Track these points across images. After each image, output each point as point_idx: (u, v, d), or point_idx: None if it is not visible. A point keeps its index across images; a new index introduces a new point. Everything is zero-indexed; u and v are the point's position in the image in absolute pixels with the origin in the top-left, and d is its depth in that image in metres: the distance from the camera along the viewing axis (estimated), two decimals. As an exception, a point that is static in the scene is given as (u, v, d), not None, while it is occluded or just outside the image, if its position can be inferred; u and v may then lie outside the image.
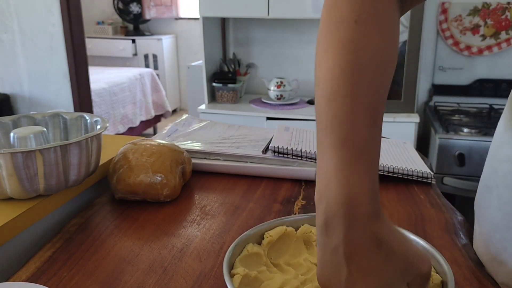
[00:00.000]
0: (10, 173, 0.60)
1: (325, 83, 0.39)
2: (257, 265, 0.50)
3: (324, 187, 0.37)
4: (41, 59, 2.45)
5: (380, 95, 0.39)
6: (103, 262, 0.58)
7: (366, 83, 0.38)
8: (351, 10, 0.39)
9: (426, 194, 0.79)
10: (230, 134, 0.98)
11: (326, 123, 0.38)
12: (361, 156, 0.37)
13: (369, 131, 0.37)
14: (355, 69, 0.38)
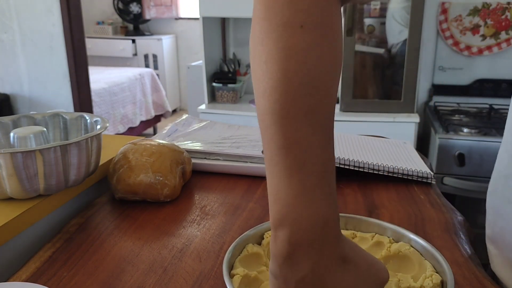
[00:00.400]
0: (10, 173, 0.60)
1: (271, 97, 0.34)
2: (257, 265, 0.50)
3: (286, 212, 0.34)
4: (41, 59, 2.45)
5: (332, 108, 0.35)
6: (103, 262, 0.58)
7: (319, 98, 0.34)
8: (296, 13, 0.33)
9: (426, 194, 0.79)
10: (230, 134, 0.98)
11: (278, 143, 0.34)
12: (322, 178, 0.35)
13: (326, 152, 0.35)
14: (306, 82, 0.33)
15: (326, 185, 0.35)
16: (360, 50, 2.21)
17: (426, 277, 0.48)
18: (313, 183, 0.34)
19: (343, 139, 0.95)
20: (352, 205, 0.74)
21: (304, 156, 0.34)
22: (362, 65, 2.27)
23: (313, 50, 0.33)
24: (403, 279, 0.50)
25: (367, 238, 0.55)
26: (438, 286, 0.47)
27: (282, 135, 0.34)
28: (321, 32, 0.34)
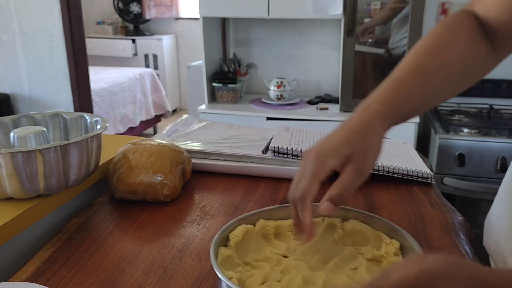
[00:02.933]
0: (10, 173, 0.60)
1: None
2: (233, 266, 0.52)
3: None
4: (41, 59, 2.45)
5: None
6: (103, 262, 0.58)
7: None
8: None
9: (426, 194, 0.79)
10: (230, 134, 0.98)
11: None
12: None
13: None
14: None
15: None
16: (360, 50, 2.21)
17: (387, 244, 0.54)
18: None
19: (343, 139, 0.95)
20: (352, 205, 0.74)
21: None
22: (362, 65, 2.27)
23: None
24: (365, 251, 0.55)
25: (319, 222, 0.59)
26: (398, 249, 0.53)
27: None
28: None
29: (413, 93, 0.55)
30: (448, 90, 0.60)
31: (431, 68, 0.57)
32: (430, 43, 0.59)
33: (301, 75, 2.49)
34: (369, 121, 0.53)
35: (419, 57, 0.58)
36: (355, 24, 2.11)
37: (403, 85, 0.56)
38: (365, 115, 0.54)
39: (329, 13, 2.08)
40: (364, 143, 0.51)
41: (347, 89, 2.18)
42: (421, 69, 0.57)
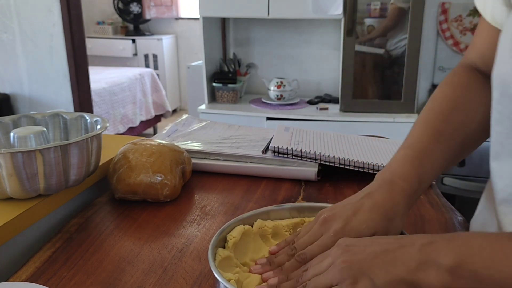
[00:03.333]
0: (10, 173, 0.60)
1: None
2: (231, 267, 0.52)
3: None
4: (41, 59, 2.45)
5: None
6: (103, 262, 0.58)
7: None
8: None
9: (426, 194, 0.79)
10: (230, 134, 0.98)
11: None
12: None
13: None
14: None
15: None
16: (360, 50, 2.21)
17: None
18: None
19: (343, 139, 0.95)
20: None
21: None
22: (362, 65, 2.27)
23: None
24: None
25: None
26: None
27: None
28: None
29: (436, 163, 0.54)
30: (469, 146, 0.59)
31: (449, 133, 0.56)
32: (442, 106, 0.59)
33: (301, 75, 2.49)
34: (396, 202, 0.50)
35: (434, 123, 0.57)
36: (355, 24, 2.11)
37: (425, 158, 0.54)
38: (392, 193, 0.51)
39: (329, 13, 2.08)
40: (386, 227, 0.50)
41: (347, 89, 2.18)
42: (439, 135, 0.56)
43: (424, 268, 0.38)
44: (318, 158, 0.83)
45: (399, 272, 0.39)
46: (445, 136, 0.56)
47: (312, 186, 0.82)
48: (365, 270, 0.40)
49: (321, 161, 0.83)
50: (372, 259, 0.40)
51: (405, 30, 2.09)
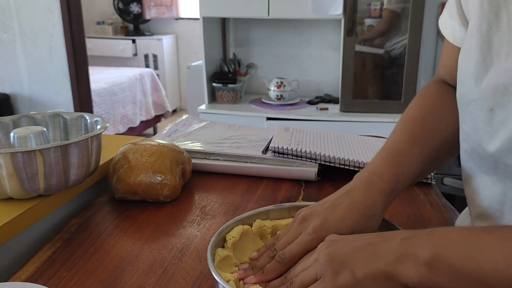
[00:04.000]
0: (10, 173, 0.60)
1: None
2: (230, 267, 0.52)
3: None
4: (41, 59, 2.45)
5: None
6: (103, 262, 0.58)
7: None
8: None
9: (426, 194, 0.79)
10: (230, 134, 0.98)
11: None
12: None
13: None
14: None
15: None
16: (360, 50, 2.21)
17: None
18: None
19: (343, 140, 0.95)
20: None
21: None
22: (362, 65, 2.27)
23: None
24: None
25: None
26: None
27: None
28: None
29: (413, 165, 0.56)
30: (447, 152, 0.61)
31: (424, 136, 0.59)
32: (416, 113, 0.62)
33: (301, 75, 2.49)
34: (374, 200, 0.52)
35: (409, 128, 0.60)
36: (355, 24, 2.11)
37: (402, 159, 0.56)
38: (370, 191, 0.53)
39: (329, 13, 2.08)
40: (364, 226, 0.51)
41: (347, 89, 2.18)
42: (414, 139, 0.58)
43: (402, 261, 0.39)
44: (318, 158, 0.83)
45: (378, 265, 0.40)
46: (420, 139, 0.58)
47: (312, 186, 0.82)
48: (346, 262, 0.41)
49: (321, 161, 0.83)
50: (354, 252, 0.42)
51: (404, 30, 2.09)
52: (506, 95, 0.43)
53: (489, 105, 0.45)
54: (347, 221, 0.50)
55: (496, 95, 0.44)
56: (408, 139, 0.58)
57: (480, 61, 0.46)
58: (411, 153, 0.56)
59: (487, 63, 0.46)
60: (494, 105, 0.45)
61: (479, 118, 0.47)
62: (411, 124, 0.60)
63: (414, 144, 0.57)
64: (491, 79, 0.45)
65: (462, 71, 0.51)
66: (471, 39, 0.48)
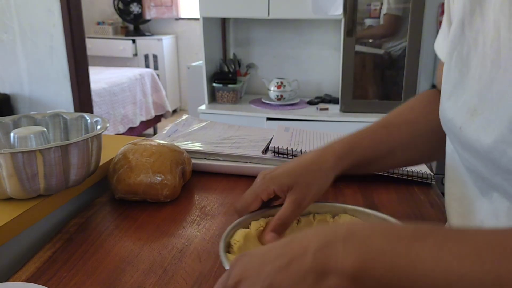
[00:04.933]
0: (10, 173, 0.60)
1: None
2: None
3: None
4: (41, 59, 2.45)
5: None
6: (103, 262, 0.58)
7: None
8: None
9: (426, 194, 0.79)
10: (230, 134, 0.98)
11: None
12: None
13: None
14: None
15: None
16: (360, 50, 2.21)
17: None
18: None
19: (343, 140, 0.95)
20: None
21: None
22: (362, 66, 2.27)
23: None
24: None
25: (310, 220, 0.61)
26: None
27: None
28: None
29: (377, 141, 0.61)
30: (420, 147, 0.64)
31: (397, 123, 0.63)
32: (400, 108, 0.66)
33: (301, 75, 2.49)
34: (322, 158, 0.58)
35: (388, 117, 0.65)
36: (355, 24, 2.11)
37: (368, 134, 0.61)
38: (322, 151, 0.59)
39: (329, 14, 2.08)
40: (309, 179, 0.56)
41: (347, 90, 2.18)
42: (387, 123, 0.63)
43: (323, 279, 0.34)
44: (318, 159, 0.83)
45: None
46: (393, 125, 0.63)
47: (312, 186, 0.81)
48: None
49: (321, 161, 0.83)
50: (269, 285, 0.35)
51: (404, 32, 2.09)
52: (473, 115, 0.45)
53: (458, 124, 0.48)
54: (291, 171, 0.57)
55: (466, 115, 0.47)
56: (380, 123, 0.63)
57: (458, 82, 0.49)
58: (378, 131, 0.62)
59: (464, 85, 0.48)
60: (462, 123, 0.47)
61: (456, 135, 0.50)
62: (390, 114, 0.65)
63: (384, 127, 0.63)
64: (466, 100, 0.47)
65: (443, 91, 0.53)
66: (450, 60, 0.50)
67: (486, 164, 0.45)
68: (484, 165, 0.45)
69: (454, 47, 0.49)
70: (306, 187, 0.56)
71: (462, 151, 0.50)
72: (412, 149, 0.63)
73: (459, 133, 0.48)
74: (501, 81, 0.42)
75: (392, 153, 0.62)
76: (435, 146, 0.63)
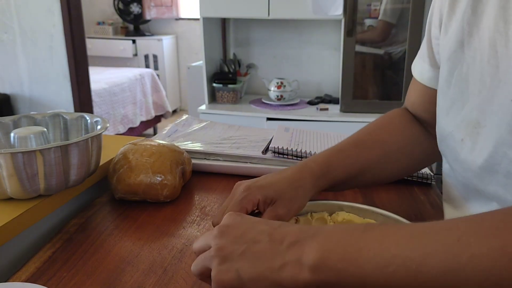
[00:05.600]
0: (10, 173, 0.60)
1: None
2: None
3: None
4: (41, 59, 2.45)
5: None
6: (103, 262, 0.58)
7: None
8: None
9: (426, 195, 0.79)
10: (230, 134, 0.98)
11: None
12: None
13: None
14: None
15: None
16: (360, 50, 2.22)
17: None
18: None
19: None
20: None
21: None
22: (363, 66, 2.27)
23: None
24: None
25: (308, 218, 0.62)
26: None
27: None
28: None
29: (347, 160, 0.63)
30: (389, 167, 0.66)
31: (368, 143, 0.66)
32: (370, 126, 0.69)
33: (301, 75, 2.49)
34: (302, 177, 0.59)
35: (359, 135, 0.67)
36: (355, 24, 2.11)
37: (340, 153, 0.63)
38: (301, 170, 0.60)
39: (329, 14, 2.08)
40: (292, 194, 0.57)
41: (347, 90, 2.18)
42: (358, 142, 0.66)
43: (287, 268, 0.39)
44: (318, 159, 0.83)
45: (263, 270, 0.40)
46: (364, 144, 0.65)
47: (312, 186, 0.81)
48: (234, 262, 0.42)
49: (321, 161, 0.83)
50: (242, 252, 0.42)
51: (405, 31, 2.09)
52: (476, 127, 0.49)
53: (460, 136, 0.51)
54: (276, 184, 0.57)
55: (467, 128, 0.50)
56: (351, 142, 0.66)
57: (458, 98, 0.51)
58: (350, 151, 0.64)
59: (463, 100, 0.51)
60: (465, 136, 0.50)
61: (454, 149, 0.52)
62: (361, 132, 0.68)
63: (356, 146, 0.65)
64: (466, 113, 0.50)
65: (440, 107, 0.56)
66: (451, 79, 0.53)
67: (482, 175, 0.48)
68: (480, 177, 0.49)
69: (454, 67, 0.52)
70: (290, 202, 0.56)
71: (458, 166, 0.52)
72: (380, 169, 0.66)
73: (459, 145, 0.51)
74: (502, 93, 0.45)
75: (362, 173, 0.64)
76: (402, 166, 0.68)
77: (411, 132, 0.68)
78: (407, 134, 0.67)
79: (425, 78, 0.65)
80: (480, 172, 0.49)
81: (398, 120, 0.69)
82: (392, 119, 0.70)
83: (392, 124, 0.69)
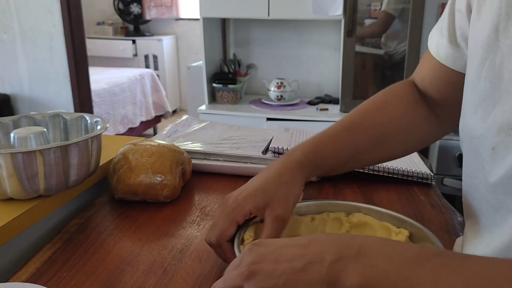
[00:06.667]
0: (10, 174, 0.60)
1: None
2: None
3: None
4: (41, 59, 2.45)
5: None
6: (103, 263, 0.58)
7: None
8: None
9: (426, 195, 0.79)
10: (230, 134, 0.98)
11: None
12: None
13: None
14: None
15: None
16: (360, 51, 2.21)
17: (396, 233, 0.55)
18: None
19: (343, 140, 0.95)
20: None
21: None
22: (363, 66, 2.27)
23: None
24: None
25: (324, 218, 0.60)
26: (408, 237, 0.53)
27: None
28: None
29: (339, 146, 0.59)
30: (383, 150, 0.62)
31: (362, 127, 0.61)
32: (366, 106, 0.64)
33: (301, 75, 2.49)
34: (288, 168, 0.56)
35: (352, 118, 0.62)
36: (355, 24, 2.11)
37: (330, 139, 0.59)
38: (286, 161, 0.57)
39: (329, 14, 2.08)
40: (284, 191, 0.54)
41: (347, 90, 2.18)
42: (352, 125, 0.61)
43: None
44: (318, 159, 0.83)
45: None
46: (358, 127, 0.61)
47: (312, 186, 0.81)
48: (268, 285, 0.37)
49: (321, 161, 0.83)
50: (284, 284, 0.37)
51: (404, 34, 2.09)
52: (510, 135, 0.41)
53: (491, 144, 0.44)
54: (263, 188, 0.54)
55: (500, 134, 0.43)
56: (344, 125, 0.61)
57: (488, 95, 0.44)
58: (341, 135, 0.60)
59: (495, 98, 0.43)
60: (497, 144, 0.43)
61: (482, 156, 0.46)
62: (355, 113, 0.63)
63: (348, 130, 0.60)
64: (497, 115, 0.43)
65: (467, 102, 0.49)
66: (481, 69, 0.45)
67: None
68: (507, 190, 0.43)
69: (486, 56, 0.44)
70: (284, 200, 0.54)
71: (482, 174, 0.46)
72: (372, 154, 0.62)
73: (489, 154, 0.44)
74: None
75: (354, 157, 0.60)
76: (396, 151, 0.64)
77: (412, 116, 0.62)
78: (407, 118, 0.62)
79: (441, 55, 0.58)
80: (506, 182, 0.43)
81: (401, 100, 0.63)
82: (393, 98, 0.63)
83: (392, 105, 0.63)
